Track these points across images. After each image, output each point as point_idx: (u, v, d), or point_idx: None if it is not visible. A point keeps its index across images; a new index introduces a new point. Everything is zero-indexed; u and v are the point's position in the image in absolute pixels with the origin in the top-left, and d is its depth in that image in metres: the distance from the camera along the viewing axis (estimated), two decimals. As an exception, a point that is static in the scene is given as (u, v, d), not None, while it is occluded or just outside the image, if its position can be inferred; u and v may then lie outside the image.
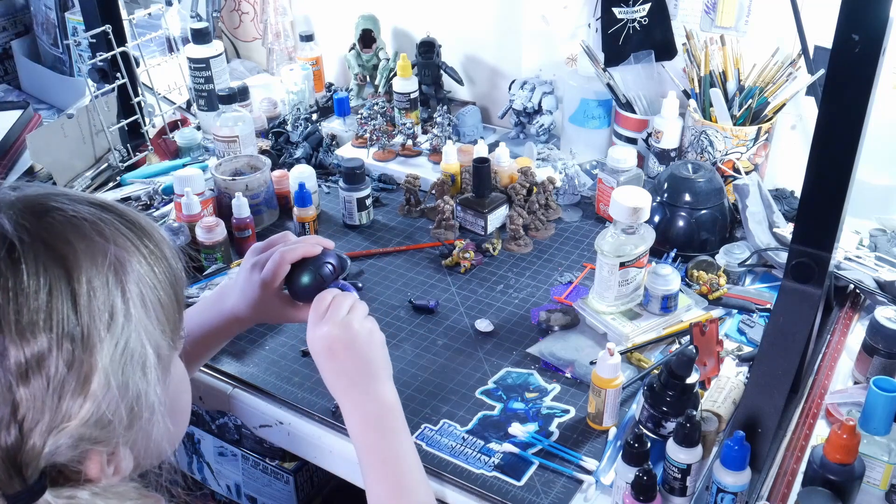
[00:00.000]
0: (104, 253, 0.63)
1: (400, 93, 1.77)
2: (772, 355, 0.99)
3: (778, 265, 1.33)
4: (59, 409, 0.59)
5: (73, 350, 0.60)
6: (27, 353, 0.58)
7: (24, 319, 0.58)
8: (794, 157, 1.53)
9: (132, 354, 0.64)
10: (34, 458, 0.58)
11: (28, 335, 0.58)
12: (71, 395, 0.59)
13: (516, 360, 1.21)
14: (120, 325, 0.63)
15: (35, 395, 0.58)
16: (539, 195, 1.51)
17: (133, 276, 0.65)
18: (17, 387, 0.57)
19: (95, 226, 0.64)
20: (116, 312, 0.63)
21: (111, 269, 0.63)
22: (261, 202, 1.52)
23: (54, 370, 0.59)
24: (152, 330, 0.66)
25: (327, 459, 1.12)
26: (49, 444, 0.59)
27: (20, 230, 0.61)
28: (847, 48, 0.82)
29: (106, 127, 1.70)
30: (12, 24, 2.20)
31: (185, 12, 1.98)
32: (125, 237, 0.66)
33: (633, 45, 1.60)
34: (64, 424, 0.59)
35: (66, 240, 0.62)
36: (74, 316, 0.60)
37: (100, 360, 0.61)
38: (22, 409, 0.58)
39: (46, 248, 0.61)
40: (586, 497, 1.00)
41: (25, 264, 0.59)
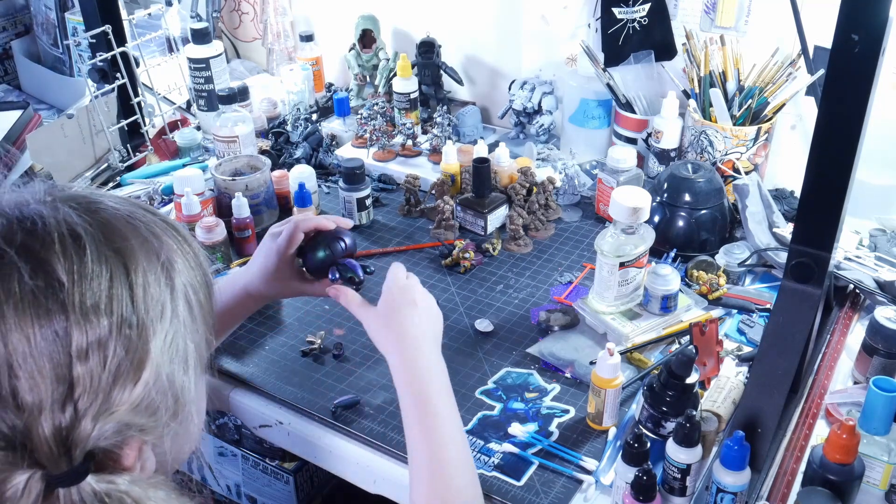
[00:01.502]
0: (157, 252, 0.66)
1: (400, 93, 1.77)
2: (772, 355, 0.99)
3: (778, 265, 1.33)
4: (111, 393, 0.60)
5: (131, 335, 0.62)
6: (89, 335, 0.59)
7: (88, 303, 0.60)
8: (794, 157, 1.53)
9: (178, 349, 0.66)
10: (83, 440, 0.59)
11: (91, 317, 0.60)
12: (124, 380, 0.61)
13: (516, 360, 1.21)
14: (168, 320, 0.65)
15: (92, 376, 0.59)
16: (539, 195, 1.51)
17: (180, 276, 0.68)
18: (75, 366, 0.59)
19: (148, 226, 0.68)
20: (166, 307, 0.65)
21: (162, 268, 0.66)
22: (261, 202, 1.52)
23: (112, 353, 0.60)
24: (194, 330, 0.69)
25: (327, 459, 1.12)
26: (98, 426, 0.60)
27: (83, 221, 0.63)
28: (847, 48, 0.82)
29: (106, 127, 1.70)
30: (12, 24, 2.20)
31: (185, 12, 1.98)
32: (172, 240, 0.69)
33: (633, 45, 1.60)
34: (115, 409, 0.61)
35: (123, 235, 0.65)
36: (131, 305, 0.62)
37: (152, 349, 0.63)
38: (78, 389, 0.59)
39: (106, 239, 0.63)
40: (586, 497, 1.00)
41: (90, 252, 0.61)
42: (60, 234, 0.61)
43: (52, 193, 0.66)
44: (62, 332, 0.58)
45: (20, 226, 0.61)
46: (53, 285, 0.59)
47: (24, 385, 0.57)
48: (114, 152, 1.72)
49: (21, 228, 0.61)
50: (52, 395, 0.58)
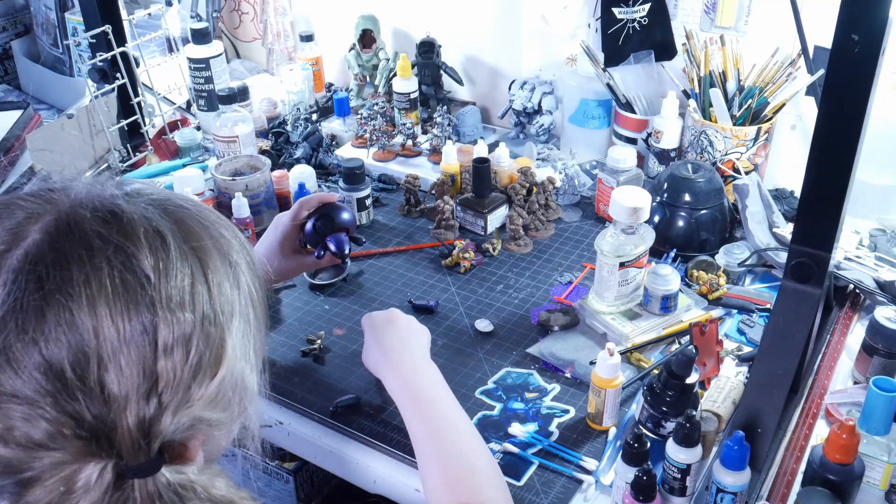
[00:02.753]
0: (226, 252, 0.68)
1: (400, 93, 1.77)
2: (772, 355, 0.99)
3: (778, 265, 1.33)
4: (191, 387, 0.61)
5: (211, 332, 0.63)
6: (175, 330, 0.60)
7: (174, 298, 0.61)
8: (794, 157, 1.53)
9: (245, 349, 0.68)
10: (162, 433, 0.60)
11: (178, 313, 0.61)
12: (203, 375, 0.62)
13: (516, 360, 1.21)
14: (238, 318, 0.67)
15: (175, 371, 0.60)
16: (539, 195, 1.51)
17: (244, 276, 0.69)
18: (160, 360, 0.60)
19: (216, 227, 0.69)
20: (235, 306, 0.67)
21: (231, 267, 0.68)
22: (261, 202, 1.52)
23: (194, 349, 0.61)
24: (257, 328, 0.71)
25: (327, 459, 1.12)
26: (176, 420, 0.61)
27: (162, 218, 0.64)
28: (847, 48, 0.82)
29: (106, 127, 1.70)
30: (12, 24, 2.20)
31: (185, 12, 1.98)
32: (238, 243, 0.71)
33: (633, 45, 1.60)
34: (193, 402, 0.62)
35: (198, 235, 0.66)
36: (210, 302, 0.64)
37: (229, 346, 0.64)
38: (162, 383, 0.60)
39: (185, 237, 0.64)
40: (586, 497, 1.00)
41: (173, 249, 0.62)
42: (145, 230, 0.62)
43: (127, 190, 0.66)
44: (150, 327, 0.59)
45: (105, 220, 0.62)
46: (141, 280, 0.60)
47: (112, 377, 0.58)
48: (114, 152, 1.72)
49: (106, 223, 0.61)
50: (139, 388, 0.59)
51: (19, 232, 0.60)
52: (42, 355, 0.57)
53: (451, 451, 0.91)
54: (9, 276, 0.58)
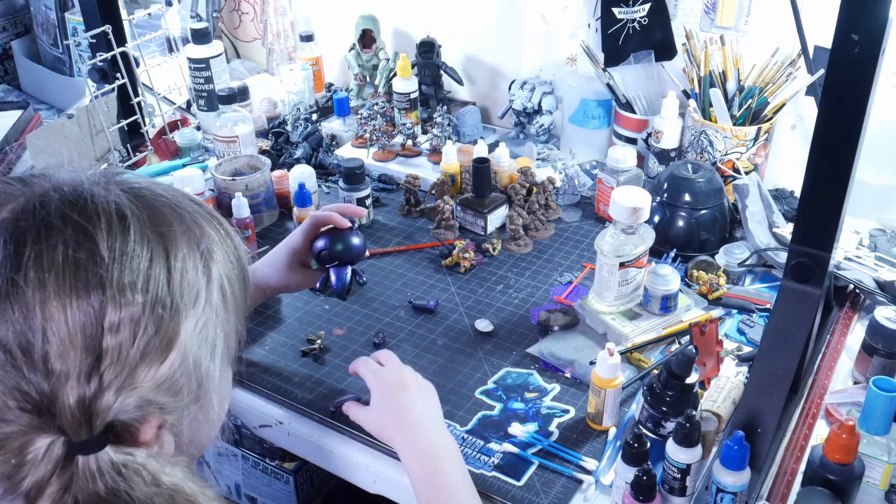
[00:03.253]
0: (197, 240, 0.69)
1: (400, 93, 1.77)
2: (771, 355, 0.99)
3: (778, 265, 1.33)
4: (137, 369, 0.62)
5: (163, 316, 0.63)
6: (123, 311, 0.61)
7: (126, 280, 0.62)
8: (794, 157, 1.53)
9: (207, 336, 0.68)
10: (105, 410, 0.61)
11: (127, 294, 0.62)
12: (151, 358, 0.63)
13: (516, 360, 1.21)
14: (202, 307, 0.67)
15: (121, 351, 0.61)
16: (539, 195, 1.51)
17: (217, 266, 0.70)
18: (105, 339, 0.61)
19: (192, 216, 0.70)
20: (200, 294, 0.67)
21: (201, 256, 0.68)
22: (261, 202, 1.52)
23: (143, 330, 0.62)
24: (225, 320, 0.71)
25: (327, 459, 1.12)
26: (120, 399, 0.61)
27: (132, 204, 0.66)
28: (847, 48, 0.82)
29: (106, 127, 1.70)
30: (12, 24, 2.20)
31: (185, 12, 1.98)
32: (214, 231, 0.72)
33: (633, 45, 1.60)
34: (139, 384, 0.62)
35: (168, 221, 0.67)
36: (167, 287, 0.64)
37: (182, 332, 0.65)
38: (105, 362, 0.61)
39: (151, 223, 0.66)
40: (586, 497, 1.00)
41: (133, 232, 0.64)
42: (108, 214, 0.63)
43: (107, 177, 0.68)
44: (98, 306, 0.60)
45: (72, 202, 0.64)
46: (95, 260, 0.61)
47: (55, 351, 0.59)
48: (114, 152, 1.72)
49: (72, 205, 0.63)
50: (80, 365, 0.60)
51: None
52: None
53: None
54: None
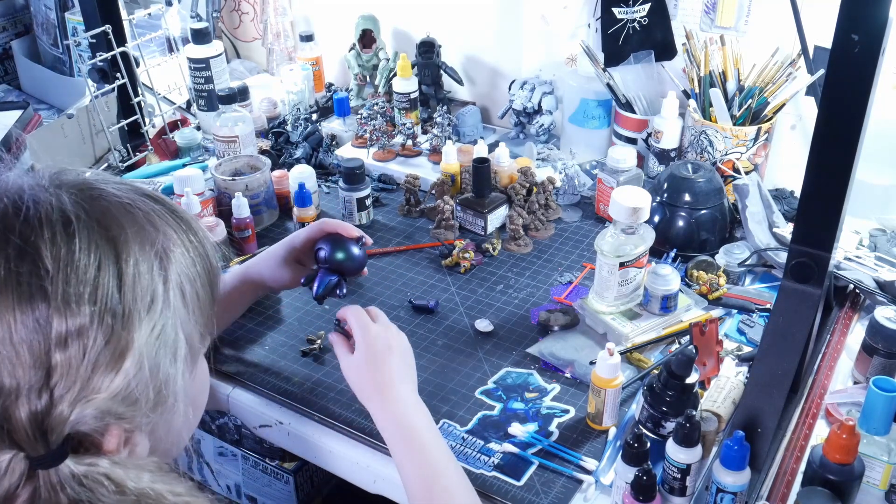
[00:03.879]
0: (152, 241, 0.66)
1: (400, 93, 1.77)
2: (772, 355, 0.99)
3: (778, 265, 1.33)
4: (90, 381, 0.61)
5: (113, 325, 0.62)
6: (69, 323, 0.60)
7: (71, 290, 0.60)
8: (794, 157, 1.53)
9: (166, 340, 0.66)
10: (60, 424, 0.60)
11: (73, 305, 0.60)
12: (104, 369, 0.61)
13: (516, 360, 1.21)
14: (159, 311, 0.65)
15: (70, 364, 0.60)
16: (539, 195, 1.51)
17: (176, 266, 0.68)
18: (54, 353, 0.59)
19: (147, 215, 0.68)
20: (157, 298, 0.65)
21: (157, 257, 0.66)
22: (261, 202, 1.52)
23: (92, 342, 0.61)
24: (187, 321, 0.69)
25: (327, 459, 1.12)
26: (76, 412, 0.60)
27: (78, 208, 0.63)
28: (847, 48, 0.82)
29: (106, 127, 1.70)
30: (12, 24, 2.20)
31: (185, 12, 1.98)
32: (172, 229, 0.69)
33: (633, 45, 1.60)
34: (93, 396, 0.61)
35: (119, 223, 0.65)
36: (118, 294, 0.62)
37: (136, 340, 0.63)
38: (55, 376, 0.59)
39: (100, 227, 0.63)
40: (586, 497, 1.00)
41: (79, 239, 0.62)
42: (51, 221, 0.61)
43: (56, 179, 0.66)
44: (43, 320, 0.59)
45: (14, 210, 0.62)
46: (38, 272, 0.59)
47: (3, 371, 0.58)
48: (114, 152, 1.72)
49: (15, 213, 0.61)
50: (30, 381, 0.58)
51: None
52: None
53: (444, 497, 0.92)
54: None
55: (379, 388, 1.00)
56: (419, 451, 0.95)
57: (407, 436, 0.96)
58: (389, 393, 1.00)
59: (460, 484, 0.93)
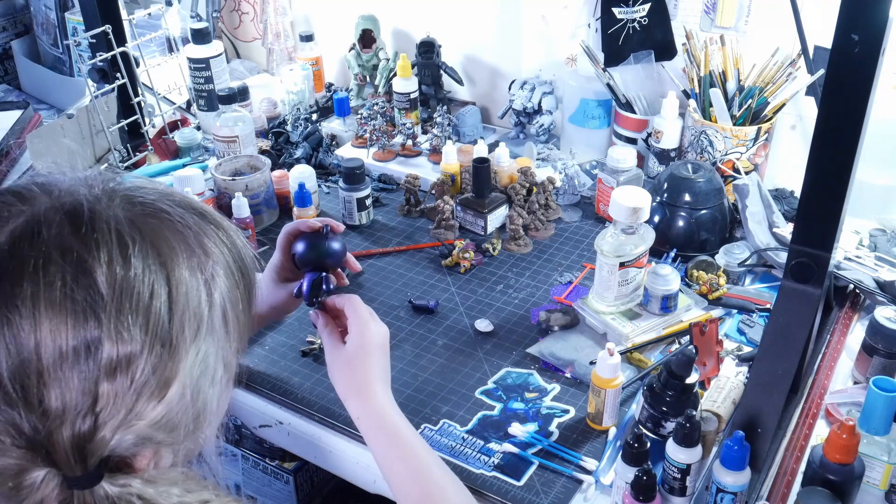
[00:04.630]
0: (202, 266, 0.65)
1: (400, 93, 1.77)
2: (772, 355, 0.99)
3: (778, 265, 1.33)
4: (134, 409, 0.60)
5: (161, 355, 0.61)
6: (120, 350, 0.59)
7: (124, 318, 0.59)
8: (794, 157, 1.53)
9: (207, 366, 0.65)
10: (100, 448, 0.60)
11: (124, 333, 0.59)
12: (148, 398, 0.61)
13: (516, 360, 1.21)
14: (203, 337, 0.64)
15: (116, 393, 0.59)
16: (539, 195, 1.51)
17: (220, 290, 0.67)
18: (103, 380, 0.59)
19: (198, 236, 0.66)
20: (202, 324, 0.64)
21: (205, 284, 0.65)
22: (261, 202, 1.52)
23: (140, 371, 0.60)
24: (226, 345, 0.68)
25: (327, 459, 1.12)
26: (116, 438, 0.60)
27: (133, 229, 0.62)
28: (847, 48, 0.82)
29: (106, 127, 1.70)
30: (12, 24, 2.20)
31: (185, 12, 1.98)
32: (219, 249, 0.68)
33: (633, 45, 1.60)
34: (135, 422, 0.61)
35: (171, 246, 0.64)
36: (168, 322, 0.62)
37: (182, 369, 0.63)
38: (101, 403, 0.59)
39: (153, 250, 0.62)
40: (586, 497, 1.00)
41: (134, 265, 0.61)
42: (108, 243, 0.60)
43: (110, 188, 0.65)
44: (94, 347, 0.58)
45: (72, 227, 0.60)
46: (94, 298, 0.58)
47: (51, 393, 0.58)
48: (114, 152, 1.72)
49: (73, 230, 0.60)
50: (77, 405, 0.58)
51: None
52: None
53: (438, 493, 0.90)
54: None
55: (364, 386, 0.97)
56: (408, 451, 0.93)
57: (392, 435, 0.94)
58: (373, 390, 0.96)
59: (451, 480, 0.93)
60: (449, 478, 0.92)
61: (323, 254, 1.08)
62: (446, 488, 0.90)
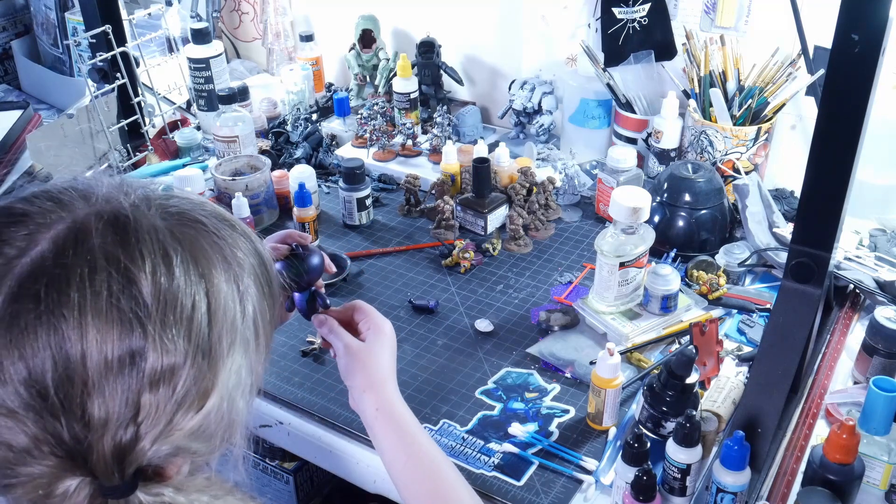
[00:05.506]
0: (237, 277, 0.66)
1: (400, 93, 1.77)
2: (772, 355, 0.99)
3: (778, 265, 1.33)
4: (173, 420, 0.60)
5: (202, 366, 0.61)
6: (164, 361, 0.59)
7: (168, 328, 0.59)
8: (794, 157, 1.53)
9: (241, 377, 0.66)
10: (138, 458, 0.60)
11: (169, 343, 0.59)
12: (187, 409, 0.61)
13: (516, 360, 1.21)
14: (237, 349, 0.65)
15: (159, 404, 0.59)
16: (539, 195, 1.51)
17: (252, 301, 0.67)
18: (145, 393, 0.59)
19: (232, 248, 0.66)
20: (237, 336, 0.65)
21: (239, 295, 0.65)
22: (261, 202, 1.52)
23: (182, 384, 0.60)
24: (256, 356, 0.68)
25: (327, 459, 1.12)
26: (154, 448, 0.60)
27: (174, 240, 0.62)
28: (847, 48, 0.82)
29: (106, 127, 1.70)
30: (12, 24, 2.20)
31: (185, 12, 1.98)
32: (249, 260, 0.68)
33: (633, 45, 1.60)
34: (174, 433, 0.61)
35: (208, 257, 0.64)
36: (208, 333, 0.62)
37: (220, 380, 0.63)
38: (143, 414, 0.59)
39: (194, 262, 0.62)
40: (586, 497, 1.00)
41: (177, 276, 0.60)
42: (152, 253, 0.60)
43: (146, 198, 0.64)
44: (139, 357, 0.58)
45: (115, 237, 0.60)
46: (139, 308, 0.58)
47: (95, 403, 0.57)
48: (114, 152, 1.72)
49: (116, 240, 0.60)
50: (119, 416, 0.58)
51: (32, 237, 0.59)
52: (29, 372, 0.56)
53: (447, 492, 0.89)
54: (13, 285, 0.57)
55: (382, 381, 0.94)
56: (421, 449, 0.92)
57: (406, 433, 0.93)
58: (389, 386, 0.95)
59: (462, 483, 0.92)
60: (460, 480, 0.91)
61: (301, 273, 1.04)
62: (458, 489, 0.90)
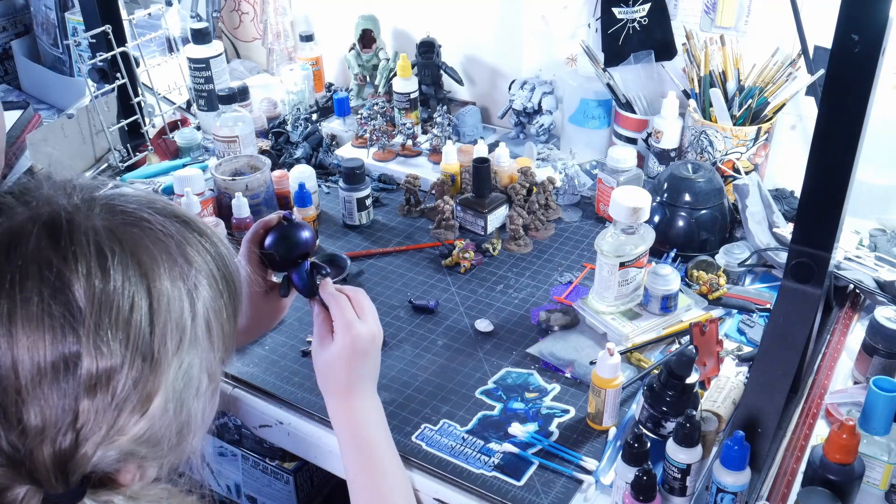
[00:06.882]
0: (185, 276, 0.64)
1: (400, 93, 1.77)
2: (772, 355, 0.99)
3: (778, 265, 1.33)
4: (115, 424, 0.59)
5: (143, 369, 0.60)
6: (100, 365, 0.58)
7: (103, 332, 0.58)
8: (794, 157, 1.53)
9: (191, 378, 0.64)
10: (82, 465, 0.59)
11: (104, 347, 0.58)
12: (129, 413, 0.60)
13: (516, 360, 1.21)
14: (185, 349, 0.63)
15: (97, 409, 0.58)
16: (539, 195, 1.51)
17: (203, 300, 0.66)
18: (82, 398, 0.58)
19: (181, 246, 0.65)
20: (185, 336, 0.63)
21: (187, 293, 0.64)
22: (261, 202, 1.52)
23: (121, 387, 0.59)
24: (210, 356, 0.67)
25: (327, 459, 1.12)
26: (98, 454, 0.59)
27: (112, 239, 0.61)
28: (847, 48, 0.82)
29: (106, 127, 1.70)
30: (12, 24, 2.20)
31: (185, 12, 1.98)
32: (202, 257, 0.67)
33: (633, 45, 1.60)
34: (117, 438, 0.60)
35: (152, 256, 0.62)
36: (150, 334, 0.61)
37: (163, 383, 0.62)
38: (81, 420, 0.58)
39: (134, 261, 0.61)
40: (586, 497, 1.00)
41: (114, 277, 0.59)
42: (86, 255, 0.59)
43: (89, 197, 0.63)
44: (73, 362, 0.57)
45: (50, 241, 0.59)
46: (71, 311, 0.57)
47: (31, 411, 0.57)
48: (114, 152, 1.72)
49: (50, 244, 0.59)
50: (57, 422, 0.57)
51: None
52: None
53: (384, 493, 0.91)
54: None
55: (346, 391, 0.95)
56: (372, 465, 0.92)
57: (360, 446, 0.93)
58: (353, 399, 0.95)
59: (401, 480, 0.93)
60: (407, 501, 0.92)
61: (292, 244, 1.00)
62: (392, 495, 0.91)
